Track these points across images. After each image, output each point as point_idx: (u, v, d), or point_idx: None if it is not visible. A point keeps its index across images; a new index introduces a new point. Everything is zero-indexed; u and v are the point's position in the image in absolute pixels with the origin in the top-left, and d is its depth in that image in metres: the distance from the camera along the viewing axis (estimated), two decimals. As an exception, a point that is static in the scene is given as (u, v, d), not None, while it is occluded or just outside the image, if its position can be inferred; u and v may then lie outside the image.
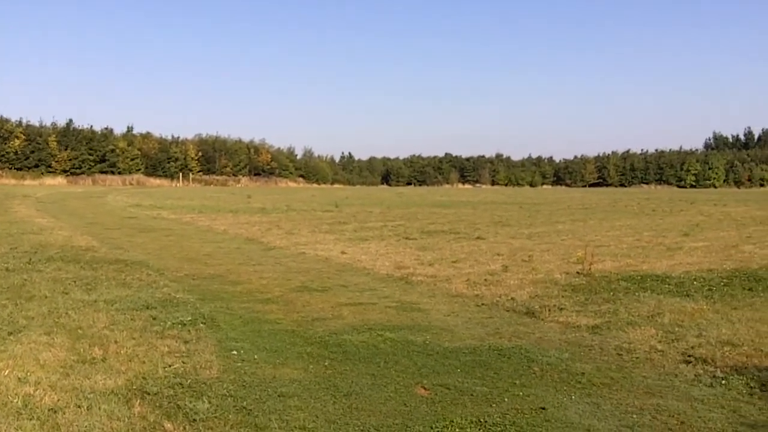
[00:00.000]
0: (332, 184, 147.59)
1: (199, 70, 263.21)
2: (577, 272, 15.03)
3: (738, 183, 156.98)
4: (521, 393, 7.04)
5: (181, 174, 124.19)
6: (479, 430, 6.02)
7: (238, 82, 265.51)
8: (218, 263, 17.03)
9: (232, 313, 10.90)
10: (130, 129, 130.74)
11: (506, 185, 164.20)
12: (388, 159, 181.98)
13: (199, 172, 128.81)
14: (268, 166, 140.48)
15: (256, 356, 8.32)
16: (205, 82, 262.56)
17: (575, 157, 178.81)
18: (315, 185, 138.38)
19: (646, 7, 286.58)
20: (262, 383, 7.27)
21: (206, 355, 8.24)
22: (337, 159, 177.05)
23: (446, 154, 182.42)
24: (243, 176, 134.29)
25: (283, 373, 7.68)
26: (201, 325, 9.86)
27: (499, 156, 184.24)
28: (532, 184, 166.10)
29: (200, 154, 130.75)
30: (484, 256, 18.38)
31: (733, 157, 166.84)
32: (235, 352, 8.45)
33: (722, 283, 13.66)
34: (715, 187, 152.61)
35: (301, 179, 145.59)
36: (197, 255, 18.78)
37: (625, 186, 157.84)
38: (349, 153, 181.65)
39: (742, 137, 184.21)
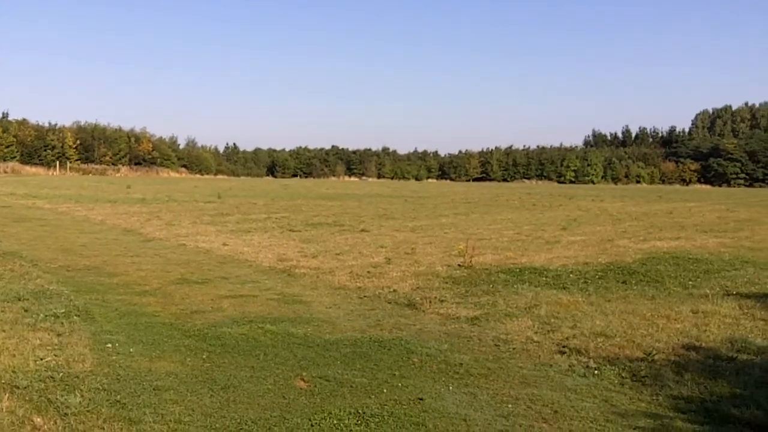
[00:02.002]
0: (216, 174, 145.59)
1: (77, 54, 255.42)
2: (459, 265, 15.23)
3: (615, 179, 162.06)
4: (400, 384, 7.09)
5: (58, 162, 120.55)
6: (358, 421, 6.03)
7: (118, 67, 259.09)
8: (95, 254, 16.57)
9: (108, 306, 10.63)
10: (5, 115, 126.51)
11: (392, 178, 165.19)
12: (274, 150, 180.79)
13: (77, 160, 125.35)
14: (149, 156, 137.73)
15: (131, 349, 8.14)
16: (84, 68, 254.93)
17: (460, 151, 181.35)
18: (198, 176, 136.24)
19: (527, 6, 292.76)
20: (137, 377, 7.10)
21: (80, 348, 8.02)
22: (221, 149, 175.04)
23: (333, 146, 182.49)
24: (123, 165, 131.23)
25: (159, 366, 7.53)
26: (75, 317, 9.60)
27: (385, 149, 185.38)
28: (417, 178, 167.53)
29: (78, 142, 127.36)
30: (367, 249, 18.44)
31: (611, 155, 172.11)
32: (109, 345, 8.24)
33: (597, 276, 14.07)
34: (594, 183, 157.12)
35: (183, 169, 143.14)
36: (73, 246, 18.25)
37: (508, 181, 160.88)
38: (234, 143, 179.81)
39: (620, 135, 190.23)
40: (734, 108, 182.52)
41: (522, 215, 34.47)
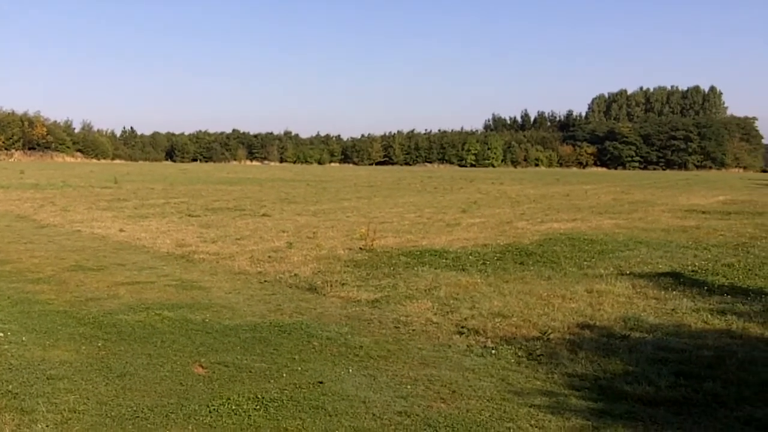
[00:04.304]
0: (113, 159, 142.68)
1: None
2: (360, 248, 15.26)
3: (514, 162, 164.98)
4: (300, 368, 7.06)
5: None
6: (256, 406, 5.98)
7: (11, 47, 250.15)
8: (-15, 242, 16.03)
9: (0, 294, 10.30)
10: None
11: (294, 162, 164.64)
12: (173, 134, 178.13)
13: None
14: (44, 140, 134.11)
15: (24, 338, 7.92)
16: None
17: (362, 135, 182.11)
18: (94, 160, 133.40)
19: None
20: (29, 366, 6.92)
21: (-31, 338, 7.76)
22: (118, 133, 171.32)
23: (234, 130, 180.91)
24: (16, 150, 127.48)
25: (53, 354, 7.33)
26: (-36, 306, 9.29)
27: (287, 133, 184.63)
28: (320, 162, 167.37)
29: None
30: (269, 233, 18.31)
31: (511, 138, 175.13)
32: (1, 334, 8.02)
33: (496, 258, 14.28)
34: (494, 166, 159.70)
35: (79, 154, 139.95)
36: (-38, 233, 17.61)
37: (410, 164, 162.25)
38: (131, 127, 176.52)
39: (519, 119, 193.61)
40: (629, 92, 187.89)
41: (423, 198, 34.78)
